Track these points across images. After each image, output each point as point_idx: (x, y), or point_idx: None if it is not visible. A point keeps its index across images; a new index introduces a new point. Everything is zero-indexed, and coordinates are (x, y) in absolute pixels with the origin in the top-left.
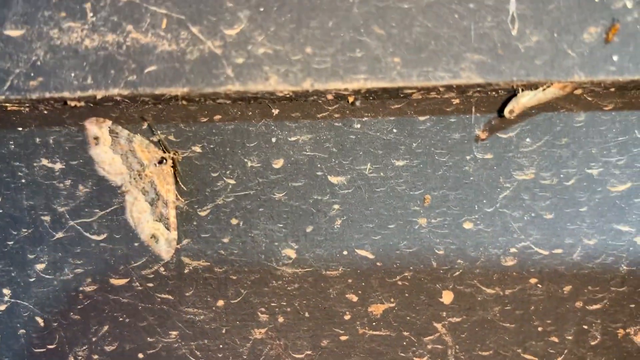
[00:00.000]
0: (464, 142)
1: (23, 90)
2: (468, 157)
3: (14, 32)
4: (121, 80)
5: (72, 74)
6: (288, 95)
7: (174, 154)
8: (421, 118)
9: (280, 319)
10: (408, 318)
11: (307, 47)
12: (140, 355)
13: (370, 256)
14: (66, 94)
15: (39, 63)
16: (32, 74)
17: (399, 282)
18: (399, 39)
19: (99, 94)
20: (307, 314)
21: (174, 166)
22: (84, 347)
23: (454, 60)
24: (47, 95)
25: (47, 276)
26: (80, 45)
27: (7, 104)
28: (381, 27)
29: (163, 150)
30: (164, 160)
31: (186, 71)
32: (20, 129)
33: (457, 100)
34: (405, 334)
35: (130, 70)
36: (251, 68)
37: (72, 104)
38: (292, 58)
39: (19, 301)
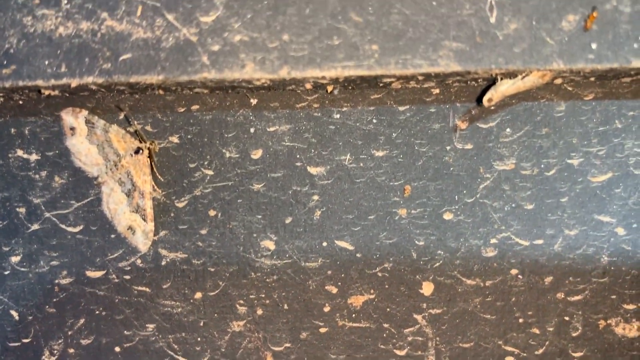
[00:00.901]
0: (444, 132)
1: None
2: (448, 148)
3: None
4: (96, 68)
5: (46, 62)
6: (265, 84)
7: (151, 144)
8: (401, 108)
9: (259, 312)
10: (388, 310)
11: (284, 34)
12: (117, 349)
13: (350, 247)
14: (40, 83)
15: (12, 51)
16: (5, 62)
17: (379, 274)
18: (377, 26)
19: (74, 83)
20: (286, 306)
21: (150, 156)
22: (60, 341)
23: (432, 48)
24: (21, 83)
25: (22, 269)
26: (54, 33)
27: None
28: (359, 14)
29: (139, 140)
30: (140, 151)
31: (161, 59)
32: None
33: (437, 90)
34: (386, 325)
35: (104, 58)
36: (227, 55)
37: (47, 93)
38: (269, 45)
39: None
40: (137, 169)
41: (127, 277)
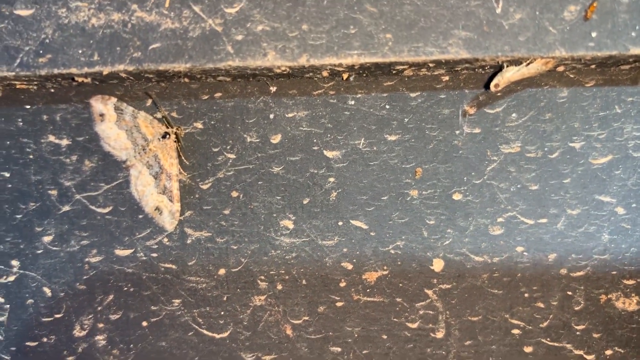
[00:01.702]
0: (453, 117)
1: (32, 67)
2: (457, 132)
3: (23, 12)
4: (126, 56)
5: (80, 51)
6: (285, 72)
7: (177, 129)
8: (412, 94)
9: (279, 287)
10: (400, 285)
11: (303, 24)
12: (144, 323)
13: (364, 226)
14: (74, 70)
15: (47, 41)
16: (41, 52)
17: (392, 251)
18: (391, 16)
19: (105, 70)
20: (304, 282)
21: (177, 141)
22: (90, 316)
23: (443, 37)
24: (56, 71)
25: (54, 248)
26: (87, 24)
27: (16, 82)
28: (373, 4)
29: (167, 125)
30: (168, 135)
31: (188, 48)
32: (28, 106)
33: (447, 77)
34: (398, 300)
35: (135, 47)
36: (250, 44)
37: (80, 80)
38: (289, 35)
39: (27, 272)
40: (164, 153)
41: (155, 255)
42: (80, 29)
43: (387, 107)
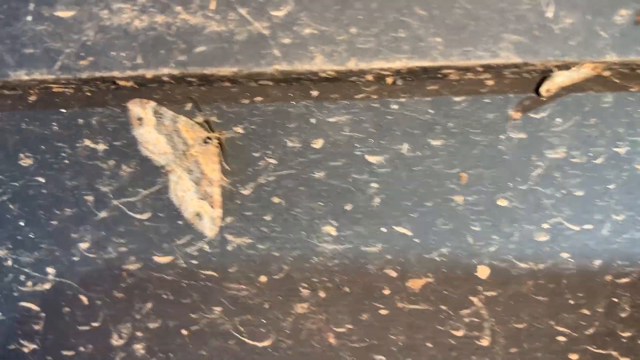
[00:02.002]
0: (497, 122)
1: (73, 70)
2: (502, 137)
3: (64, 13)
4: (171, 60)
5: (122, 54)
6: (330, 76)
7: (219, 133)
8: (456, 99)
9: (322, 294)
10: (445, 292)
11: (351, 28)
12: (184, 332)
13: (408, 233)
14: (116, 74)
15: (89, 43)
16: (83, 54)
17: (437, 258)
18: (440, 19)
19: (149, 74)
20: (347, 289)
21: (221, 145)
22: (128, 325)
23: (493, 41)
24: (97, 75)
25: (91, 255)
26: (130, 26)
27: (53, 85)
28: (423, 8)
29: (209, 130)
30: (210, 140)
31: (234, 51)
32: (64, 110)
33: (492, 82)
34: (443, 307)
35: (179, 50)
36: (297, 48)
37: (121, 83)
38: (337, 38)
39: (63, 280)
40: (205, 158)
41: (195, 262)
42: (123, 31)
43: (431, 111)
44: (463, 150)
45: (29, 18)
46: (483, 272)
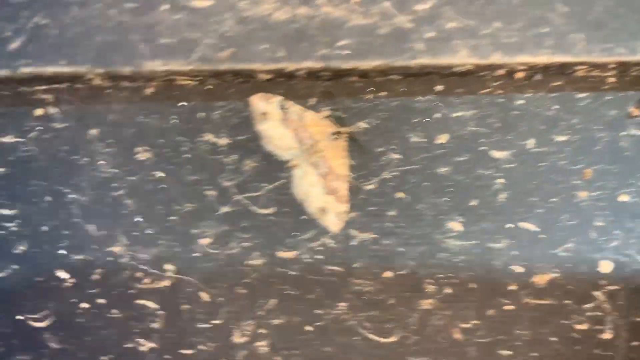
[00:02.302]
0: (619, 118)
1: (213, 62)
2: (623, 133)
3: (202, 3)
4: (313, 53)
5: (263, 46)
6: (464, 70)
7: (348, 128)
8: (579, 95)
9: (447, 290)
10: (569, 287)
11: (495, 22)
12: (309, 328)
13: (534, 229)
14: (257, 66)
15: (229, 34)
16: (222, 45)
17: (561, 253)
18: (582, 16)
19: (290, 67)
20: (473, 285)
21: (352, 138)
22: (250, 322)
23: (632, 38)
24: (238, 67)
25: (213, 251)
26: (271, 18)
27: (177, 77)
28: (565, 4)
29: (337, 124)
30: (338, 135)
31: (378, 45)
32: (183, 103)
33: (613, 79)
34: (567, 302)
35: (322, 44)
36: (441, 42)
37: (260, 77)
38: (481, 32)
39: (183, 276)
40: (333, 153)
41: (319, 256)
42: (264, 23)
43: (556, 107)
44: (586, 146)
45: (165, 7)
46: (606, 267)
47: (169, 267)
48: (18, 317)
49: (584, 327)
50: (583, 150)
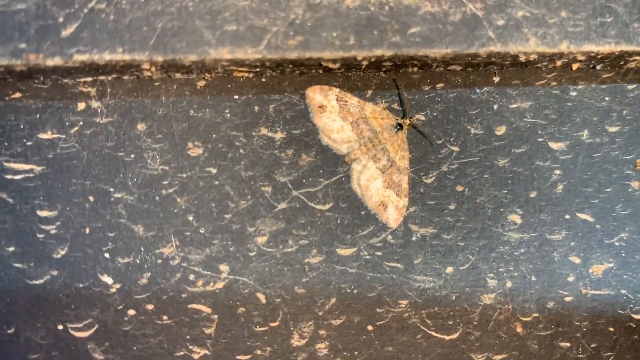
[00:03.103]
0: None
1: (281, 49)
2: None
3: None
4: (384, 41)
5: (334, 34)
6: (527, 60)
7: (410, 119)
8: (630, 87)
9: (508, 284)
10: (625, 277)
11: (562, 11)
12: (370, 327)
13: (590, 219)
14: (327, 55)
15: (297, 22)
16: (291, 33)
17: (616, 243)
18: None
19: (361, 55)
20: (533, 278)
21: (416, 130)
22: (310, 323)
23: None
24: (307, 55)
25: (269, 249)
26: (341, 5)
27: (234, 69)
28: None
29: (403, 115)
30: (400, 127)
31: (449, 32)
32: (237, 97)
33: None
34: (623, 292)
35: (393, 31)
36: (512, 30)
37: (328, 65)
38: (549, 21)
39: (238, 277)
40: (395, 145)
41: (379, 253)
42: (334, 10)
43: (607, 98)
44: (637, 137)
45: None
46: None
47: (223, 268)
48: (59, 326)
49: (639, 316)
50: (634, 141)
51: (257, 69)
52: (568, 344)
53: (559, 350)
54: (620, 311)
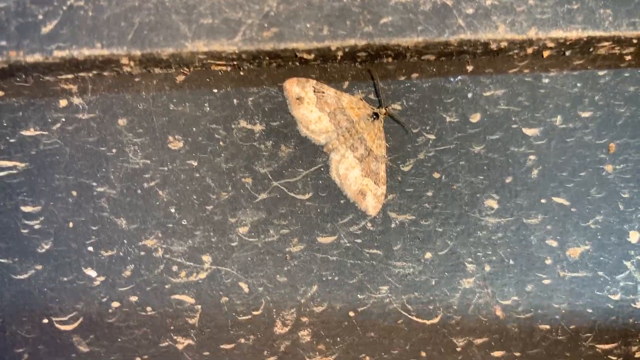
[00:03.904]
0: (638, 94)
1: (256, 41)
2: None
3: None
4: (357, 31)
5: (307, 25)
6: (498, 48)
7: (386, 109)
8: (600, 73)
9: (487, 268)
10: (602, 258)
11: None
12: (351, 314)
13: (566, 203)
14: (301, 45)
15: (272, 14)
16: (266, 25)
17: (592, 226)
18: None
19: (334, 45)
20: (511, 262)
21: (394, 118)
22: (292, 310)
23: None
24: (282, 46)
25: (251, 239)
26: None
27: (211, 62)
28: None
29: (379, 105)
30: (377, 116)
31: (420, 21)
32: (216, 90)
33: (629, 57)
34: (600, 273)
35: (365, 22)
36: (481, 18)
37: (303, 56)
38: (517, 9)
39: (220, 267)
40: (372, 134)
41: (359, 240)
42: (307, 2)
43: (579, 84)
44: (609, 122)
45: None
46: (634, 237)
47: (206, 258)
48: (44, 320)
49: (617, 297)
50: (606, 125)
51: (235, 62)
52: (548, 326)
53: (539, 333)
54: (598, 292)
